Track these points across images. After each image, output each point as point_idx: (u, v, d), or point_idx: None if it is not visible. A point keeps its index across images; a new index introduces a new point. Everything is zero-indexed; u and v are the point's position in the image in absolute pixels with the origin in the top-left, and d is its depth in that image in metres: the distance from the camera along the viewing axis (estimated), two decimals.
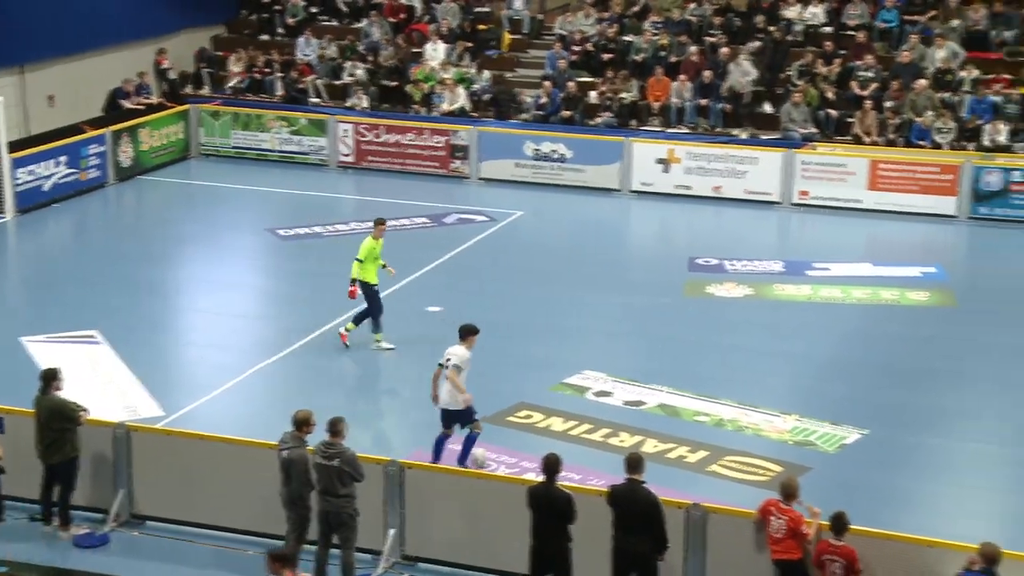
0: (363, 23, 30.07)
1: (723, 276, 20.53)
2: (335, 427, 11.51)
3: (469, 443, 13.61)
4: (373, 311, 17.24)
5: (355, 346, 17.44)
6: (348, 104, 28.07)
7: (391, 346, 17.30)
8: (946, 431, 15.24)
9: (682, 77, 26.53)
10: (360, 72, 28.50)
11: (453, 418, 13.58)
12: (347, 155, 27.01)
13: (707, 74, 26.35)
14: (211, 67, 29.79)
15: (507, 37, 29.65)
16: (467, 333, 13.81)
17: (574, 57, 27.91)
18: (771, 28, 27.32)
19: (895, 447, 14.71)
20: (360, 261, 17.06)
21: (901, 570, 10.83)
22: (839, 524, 10.59)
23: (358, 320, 17.39)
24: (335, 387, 16.15)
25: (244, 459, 12.59)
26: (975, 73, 25.42)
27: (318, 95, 28.57)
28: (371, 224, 17.73)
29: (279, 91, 28.84)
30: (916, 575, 10.77)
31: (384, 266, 17.32)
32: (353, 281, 17.09)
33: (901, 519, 12.58)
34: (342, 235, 22.67)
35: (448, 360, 13.57)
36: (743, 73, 26.13)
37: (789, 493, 10.94)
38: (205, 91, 29.32)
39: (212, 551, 12.45)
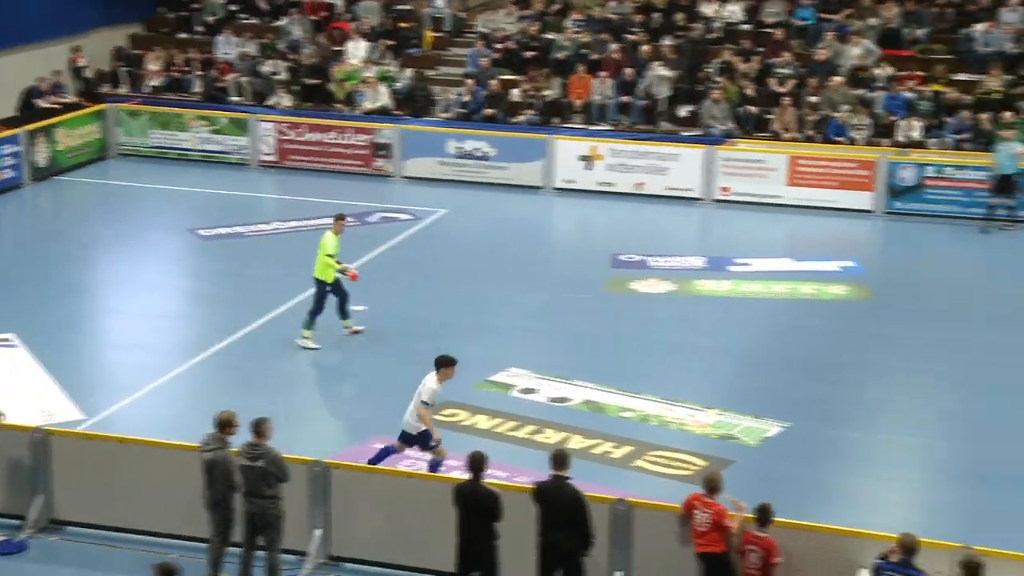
0: (283, 21, 29.86)
1: (646, 272, 20.69)
2: (259, 428, 11.43)
3: (434, 469, 13.37)
4: (316, 309, 17.23)
5: (279, 346, 17.36)
6: (270, 103, 27.86)
7: (317, 346, 17.23)
8: (865, 423, 15.49)
9: (603, 74, 26.69)
10: (272, 69, 28.28)
11: (411, 440, 13.41)
12: (269, 154, 26.80)
13: (628, 72, 26.52)
14: (129, 66, 29.38)
15: (429, 35, 29.61)
16: (440, 364, 13.28)
17: (496, 55, 27.95)
18: (691, 26, 27.58)
19: (816, 440, 14.92)
20: (331, 257, 17.06)
21: (822, 560, 10.99)
22: (764, 516, 10.72)
23: (344, 313, 17.47)
24: (259, 388, 16.02)
25: (166, 462, 12.45)
26: (889, 70, 25.86)
27: (240, 94, 28.32)
28: (294, 223, 17.66)
29: (197, 89, 28.52)
30: (837, 565, 10.93)
31: (338, 263, 17.30)
32: (319, 280, 17.12)
33: (822, 510, 12.77)
34: (264, 235, 22.52)
35: (423, 386, 13.26)
36: (658, 79, 26.28)
37: (712, 487, 11.06)
38: (123, 90, 28.92)
39: (134, 555, 12.28)
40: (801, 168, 24.30)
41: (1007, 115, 24.08)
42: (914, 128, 24.78)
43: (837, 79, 25.48)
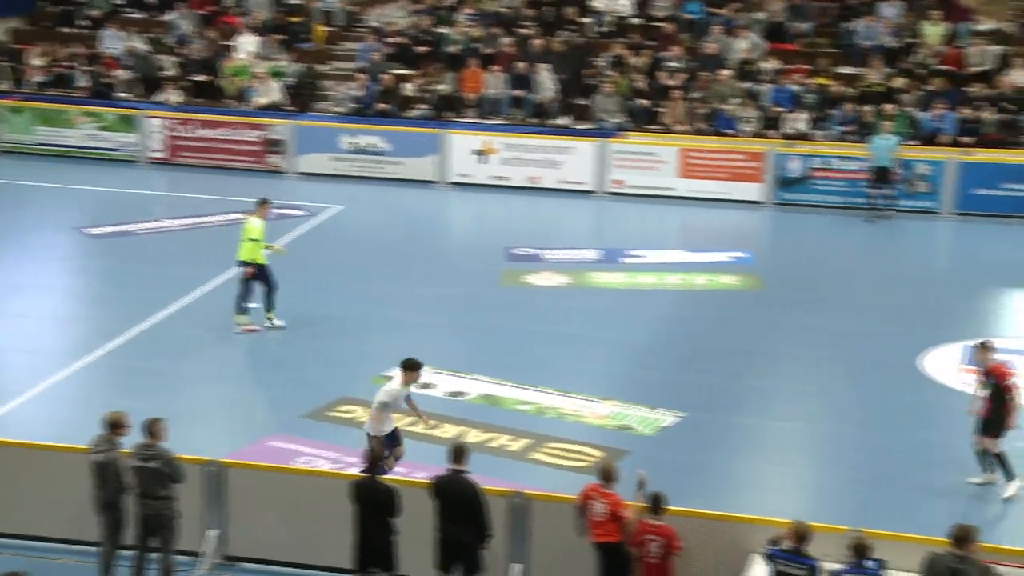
0: (170, 15, 29.38)
1: (540, 265, 20.80)
2: (153, 428, 11.26)
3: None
4: (269, 290, 17.52)
5: (172, 344, 17.12)
6: (159, 99, 27.40)
7: (283, 323, 17.55)
8: (758, 411, 15.75)
9: (496, 68, 26.74)
10: (151, 57, 27.87)
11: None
12: (158, 151, 26.37)
13: (521, 66, 26.61)
14: (10, 61, 28.66)
15: (320, 29, 29.37)
16: (404, 367, 13.08)
17: (389, 49, 27.84)
18: (581, 20, 27.75)
19: (710, 428, 15.14)
20: (255, 241, 17.30)
21: (715, 547, 11.13)
22: (656, 504, 10.83)
23: (242, 309, 17.53)
24: (151, 387, 15.75)
25: (55, 465, 12.20)
26: (776, 64, 26.31)
27: (128, 90, 27.80)
28: (185, 221, 17.49)
29: (82, 84, 27.92)
30: (729, 551, 11.08)
31: (268, 246, 17.64)
32: (246, 263, 17.36)
33: (718, 498, 12.99)
34: (155, 233, 22.17)
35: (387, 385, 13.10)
36: (544, 85, 26.38)
37: (609, 477, 11.16)
38: (4, 86, 28.20)
39: (21, 563, 12.00)
40: (692, 160, 24.62)
41: (888, 108, 24.67)
42: (800, 120, 25.26)
43: (725, 72, 25.87)
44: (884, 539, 10.49)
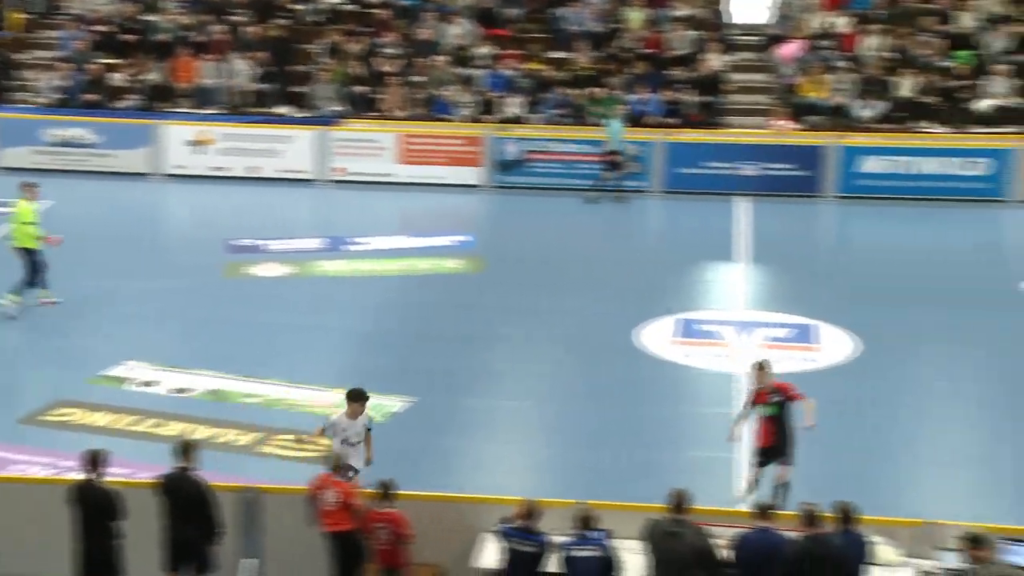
0: None
1: (263, 256, 20.55)
2: None
3: None
4: (30, 279, 17.42)
5: None
6: None
7: (15, 314, 17.24)
8: (486, 392, 16.05)
9: (209, 57, 26.14)
10: None
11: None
12: None
13: (234, 55, 26.11)
14: None
15: (15, 16, 27.92)
16: (346, 398, 12.45)
17: (94, 37, 26.78)
18: (295, 8, 27.46)
19: (441, 411, 15.33)
20: (31, 224, 17.29)
21: (447, 528, 11.29)
22: (385, 490, 10.90)
23: (43, 284, 17.52)
24: None
25: None
26: (489, 49, 26.76)
27: None
28: None
29: None
30: (461, 531, 11.27)
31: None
32: (21, 247, 17.39)
33: (451, 480, 13.20)
34: None
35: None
36: (240, 73, 26.00)
37: (338, 466, 11.17)
38: None
39: None
40: (411, 146, 24.80)
41: (597, 91, 25.52)
42: (515, 104, 25.80)
43: (440, 58, 26.15)
44: (608, 509, 10.89)
